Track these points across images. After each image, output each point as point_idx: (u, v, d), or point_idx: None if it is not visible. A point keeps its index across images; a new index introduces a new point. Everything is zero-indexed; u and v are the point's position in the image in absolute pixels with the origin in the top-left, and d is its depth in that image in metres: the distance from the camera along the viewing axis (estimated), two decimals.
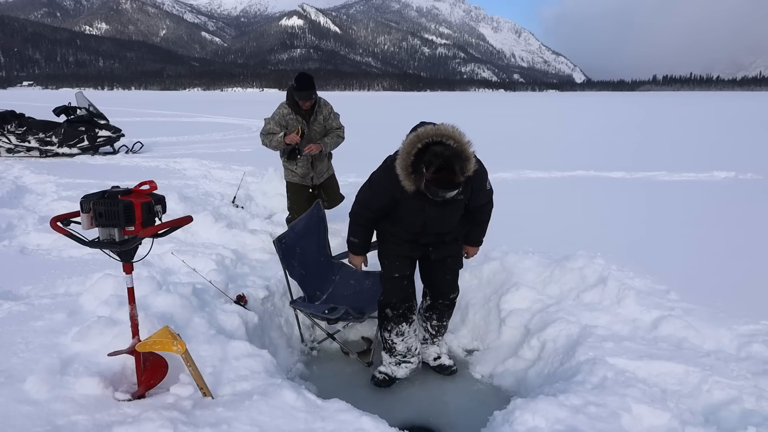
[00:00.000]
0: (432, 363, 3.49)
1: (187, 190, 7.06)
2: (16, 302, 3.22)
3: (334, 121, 4.76)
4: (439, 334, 3.49)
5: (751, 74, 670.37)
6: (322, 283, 3.98)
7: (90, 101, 11.73)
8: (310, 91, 4.44)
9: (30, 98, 49.52)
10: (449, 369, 3.45)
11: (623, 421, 2.32)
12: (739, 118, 25.65)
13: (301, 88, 4.42)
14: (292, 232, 3.84)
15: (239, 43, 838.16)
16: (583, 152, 12.86)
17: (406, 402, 3.17)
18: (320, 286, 3.94)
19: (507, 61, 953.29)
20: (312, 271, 3.91)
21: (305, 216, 4.04)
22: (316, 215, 4.11)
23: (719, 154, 11.91)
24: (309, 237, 3.99)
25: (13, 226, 5.35)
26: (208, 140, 15.26)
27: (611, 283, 3.54)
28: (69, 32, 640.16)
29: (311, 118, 4.62)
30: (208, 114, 29.03)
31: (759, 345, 2.89)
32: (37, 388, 2.23)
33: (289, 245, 3.72)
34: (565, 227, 5.59)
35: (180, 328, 2.79)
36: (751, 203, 6.94)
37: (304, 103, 4.50)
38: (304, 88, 4.42)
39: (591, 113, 32.91)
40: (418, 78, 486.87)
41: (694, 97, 75.93)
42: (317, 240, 4.10)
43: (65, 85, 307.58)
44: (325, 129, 4.74)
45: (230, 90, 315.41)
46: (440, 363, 3.47)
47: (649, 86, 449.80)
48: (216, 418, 2.16)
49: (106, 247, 2.14)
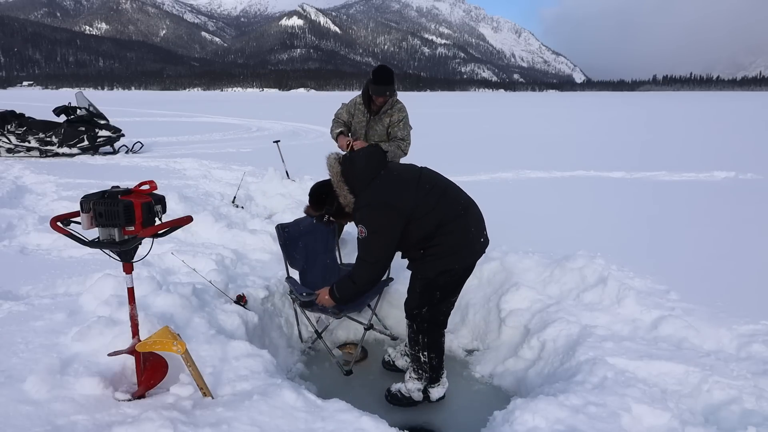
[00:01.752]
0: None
1: (187, 190, 7.06)
2: (16, 302, 3.22)
3: (400, 130, 4.23)
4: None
5: (751, 74, 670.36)
6: (324, 282, 3.98)
7: (90, 101, 11.72)
8: (387, 86, 4.02)
9: (30, 98, 49.53)
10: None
11: (623, 421, 2.32)
12: (740, 118, 25.66)
13: (377, 81, 4.00)
14: (297, 227, 3.84)
15: (239, 43, 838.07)
16: (583, 152, 12.86)
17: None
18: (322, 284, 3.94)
19: (507, 61, 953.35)
20: (315, 269, 3.91)
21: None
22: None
23: (719, 154, 11.91)
24: (314, 236, 3.94)
25: (13, 226, 5.34)
26: (208, 140, 15.26)
27: (611, 283, 3.54)
28: (69, 32, 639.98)
29: (377, 116, 4.22)
30: (208, 114, 29.04)
31: (759, 345, 2.90)
32: (37, 388, 2.23)
33: (291, 236, 3.72)
34: (565, 227, 5.59)
35: (180, 328, 2.79)
36: (751, 203, 6.94)
37: (377, 98, 4.08)
38: (380, 81, 4.00)
39: (591, 113, 32.92)
40: (418, 78, 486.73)
41: (694, 97, 75.96)
42: (325, 242, 4.04)
43: (65, 85, 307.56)
44: (388, 134, 4.27)
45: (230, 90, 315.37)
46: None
47: (649, 86, 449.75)
48: (216, 418, 2.16)
49: (106, 247, 2.14)
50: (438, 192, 2.81)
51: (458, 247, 2.80)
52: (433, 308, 2.94)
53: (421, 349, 3.00)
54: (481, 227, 2.93)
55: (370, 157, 2.86)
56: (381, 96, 4.07)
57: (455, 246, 2.79)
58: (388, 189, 2.75)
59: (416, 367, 3.06)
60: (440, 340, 3.05)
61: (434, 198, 2.77)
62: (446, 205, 2.80)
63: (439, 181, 2.90)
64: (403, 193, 2.74)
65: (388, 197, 2.72)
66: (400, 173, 2.86)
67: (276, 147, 8.90)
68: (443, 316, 3.03)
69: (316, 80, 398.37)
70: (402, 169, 2.94)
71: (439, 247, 2.78)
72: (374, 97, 4.09)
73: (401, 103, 4.28)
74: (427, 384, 3.07)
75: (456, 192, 2.90)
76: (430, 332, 2.98)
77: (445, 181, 2.93)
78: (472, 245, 2.86)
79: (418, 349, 3.01)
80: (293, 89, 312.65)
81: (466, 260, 2.88)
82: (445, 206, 2.79)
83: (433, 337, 3.00)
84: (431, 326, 2.98)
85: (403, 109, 4.27)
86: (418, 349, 3.02)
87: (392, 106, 4.22)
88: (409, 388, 3.09)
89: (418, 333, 2.99)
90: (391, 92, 4.10)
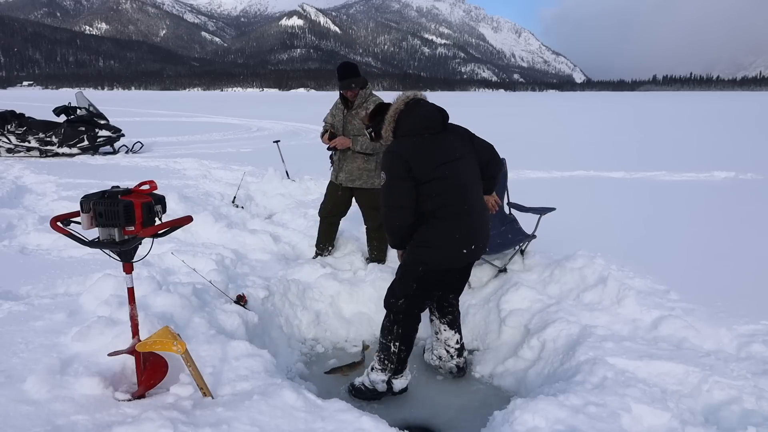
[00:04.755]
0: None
1: (187, 190, 7.06)
2: (16, 302, 3.22)
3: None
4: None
5: (751, 74, 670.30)
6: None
7: (90, 101, 11.73)
8: (350, 79, 4.26)
9: (30, 98, 49.53)
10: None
11: (623, 421, 2.32)
12: (739, 118, 25.65)
13: (340, 77, 4.27)
14: None
15: (239, 43, 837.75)
16: (583, 152, 12.86)
17: (406, 402, 3.17)
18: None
19: (507, 61, 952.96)
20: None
21: None
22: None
23: (719, 154, 11.91)
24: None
25: (13, 226, 5.34)
26: (208, 140, 15.27)
27: (611, 283, 3.54)
28: (69, 32, 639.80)
29: (354, 110, 4.39)
30: (208, 114, 29.04)
31: (759, 345, 2.89)
32: (37, 388, 2.23)
33: None
34: (565, 227, 5.58)
35: (180, 328, 2.79)
36: (752, 203, 6.94)
37: (346, 92, 4.32)
38: (343, 76, 4.26)
39: (591, 113, 32.92)
40: (418, 78, 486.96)
41: (694, 97, 75.93)
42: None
43: (65, 85, 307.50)
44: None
45: (230, 90, 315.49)
46: None
47: (649, 86, 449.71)
48: (216, 418, 2.16)
49: (106, 247, 2.14)
50: (452, 184, 2.84)
51: (436, 243, 2.87)
52: (410, 300, 3.00)
53: (393, 339, 3.05)
54: (472, 237, 2.92)
55: (428, 114, 2.94)
56: (347, 89, 4.28)
57: (434, 240, 2.87)
58: (415, 149, 2.83)
59: (383, 357, 3.08)
60: (413, 334, 3.11)
61: (440, 186, 2.82)
62: (450, 199, 2.84)
63: (462, 175, 2.90)
64: (422, 162, 2.80)
65: (409, 155, 2.80)
66: (438, 147, 2.88)
67: (276, 147, 8.90)
68: (418, 309, 3.08)
69: (316, 80, 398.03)
70: (447, 146, 2.91)
71: (421, 235, 2.87)
72: (342, 91, 4.33)
73: (376, 96, 4.42)
74: (391, 375, 3.10)
75: (469, 195, 2.92)
76: (405, 325, 3.05)
77: (468, 179, 2.94)
78: (450, 248, 2.88)
79: (391, 339, 3.06)
80: (293, 89, 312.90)
81: (441, 260, 2.91)
82: (448, 199, 2.83)
83: (407, 330, 3.06)
84: (406, 318, 3.04)
85: (378, 102, 4.37)
86: (390, 339, 3.06)
87: (367, 99, 4.37)
88: (372, 380, 3.11)
89: (394, 324, 3.05)
90: (357, 84, 4.28)
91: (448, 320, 3.35)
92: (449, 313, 3.35)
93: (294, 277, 4.22)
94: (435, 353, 3.43)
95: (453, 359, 3.38)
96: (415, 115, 2.92)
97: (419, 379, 3.41)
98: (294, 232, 5.40)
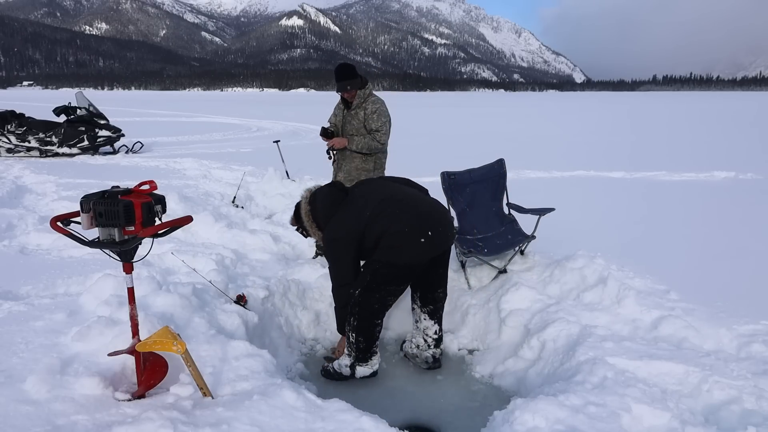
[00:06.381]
0: None
1: (187, 190, 7.06)
2: (16, 302, 3.22)
3: (374, 122, 4.37)
4: None
5: (751, 74, 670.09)
6: (483, 225, 4.40)
7: (90, 101, 11.73)
8: (346, 81, 4.28)
9: (30, 98, 49.51)
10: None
11: (623, 421, 2.32)
12: (739, 118, 25.65)
13: (337, 79, 4.31)
14: (468, 175, 4.44)
15: (239, 43, 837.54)
16: (583, 152, 12.86)
17: (406, 402, 3.17)
18: (479, 226, 4.39)
19: (507, 61, 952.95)
20: (477, 211, 4.45)
21: (487, 166, 4.54)
22: (497, 170, 4.55)
23: (719, 154, 11.91)
24: (485, 185, 4.50)
25: (13, 226, 5.34)
26: (208, 140, 15.27)
27: (611, 283, 3.55)
28: (69, 32, 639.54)
29: (353, 110, 4.42)
30: (208, 114, 29.04)
31: (759, 345, 2.89)
32: (37, 388, 2.23)
33: (458, 182, 4.36)
34: (565, 227, 5.58)
35: (180, 328, 2.79)
36: (751, 203, 6.94)
37: (343, 93, 4.36)
38: (339, 78, 4.30)
39: (591, 113, 32.92)
40: (418, 78, 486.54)
41: (694, 97, 75.92)
42: (493, 191, 4.54)
43: (65, 85, 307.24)
44: (365, 128, 4.42)
45: (230, 90, 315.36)
46: None
47: (649, 86, 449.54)
48: (216, 418, 2.16)
49: (106, 247, 2.14)
50: (391, 212, 3.04)
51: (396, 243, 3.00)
52: (366, 293, 3.08)
53: (351, 329, 3.16)
54: (423, 224, 3.04)
55: (326, 198, 3.26)
56: (344, 91, 4.34)
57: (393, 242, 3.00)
58: (342, 223, 3.11)
59: (347, 344, 3.24)
60: (372, 328, 3.16)
61: (386, 219, 3.02)
62: (387, 209, 3.05)
63: (384, 191, 3.20)
64: (354, 222, 3.06)
65: (339, 232, 3.10)
66: (360, 197, 3.18)
67: (276, 147, 8.90)
68: (378, 304, 3.13)
69: (316, 80, 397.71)
70: (367, 191, 3.24)
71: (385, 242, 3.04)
72: (339, 93, 4.39)
73: (376, 96, 4.46)
74: (355, 362, 3.21)
75: (398, 194, 3.17)
76: (361, 317, 3.11)
77: (389, 190, 3.21)
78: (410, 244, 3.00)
79: (349, 329, 3.18)
80: (293, 89, 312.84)
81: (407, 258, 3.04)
82: (387, 211, 3.04)
83: (362, 323, 3.13)
84: (362, 311, 3.11)
85: (377, 102, 4.44)
86: (348, 329, 3.19)
87: (365, 99, 4.40)
88: (340, 363, 3.27)
89: (350, 315, 3.15)
90: (354, 86, 4.31)
91: (428, 310, 3.41)
92: (431, 303, 3.41)
93: (294, 277, 4.23)
94: (414, 341, 3.51)
95: (430, 348, 3.45)
96: (322, 204, 3.25)
97: (419, 379, 3.41)
98: (294, 232, 5.38)
